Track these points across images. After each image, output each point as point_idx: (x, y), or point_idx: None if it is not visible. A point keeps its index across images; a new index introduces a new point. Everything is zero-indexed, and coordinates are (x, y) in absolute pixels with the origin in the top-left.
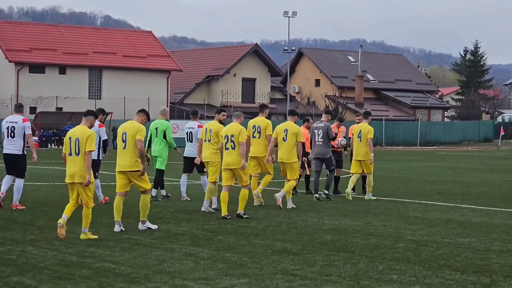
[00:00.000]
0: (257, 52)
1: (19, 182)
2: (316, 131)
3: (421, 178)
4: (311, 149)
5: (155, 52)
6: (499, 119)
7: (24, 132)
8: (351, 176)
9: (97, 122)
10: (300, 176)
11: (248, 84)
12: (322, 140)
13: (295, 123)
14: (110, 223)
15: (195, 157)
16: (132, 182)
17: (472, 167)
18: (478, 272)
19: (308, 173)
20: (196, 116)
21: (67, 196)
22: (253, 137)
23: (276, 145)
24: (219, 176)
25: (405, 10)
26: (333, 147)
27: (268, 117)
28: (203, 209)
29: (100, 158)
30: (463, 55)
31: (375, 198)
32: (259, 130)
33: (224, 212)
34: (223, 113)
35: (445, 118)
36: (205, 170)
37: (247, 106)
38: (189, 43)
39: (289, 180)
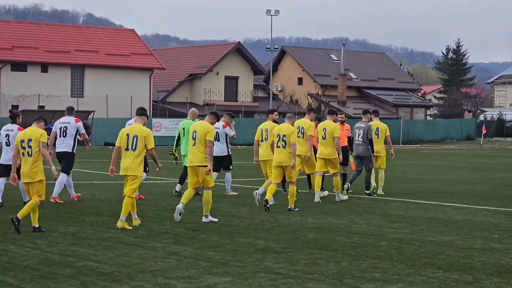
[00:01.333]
0: (239, 51)
1: (62, 177)
2: (357, 130)
3: (404, 176)
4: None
5: (137, 50)
6: (481, 117)
7: (77, 131)
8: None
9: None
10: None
11: (231, 83)
12: (361, 139)
13: (333, 121)
14: (93, 222)
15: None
16: (198, 177)
17: (455, 165)
18: (460, 270)
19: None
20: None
21: (49, 194)
22: (297, 137)
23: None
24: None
25: (388, 8)
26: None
27: (251, 116)
28: (255, 200)
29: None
30: (445, 53)
31: (383, 193)
32: (302, 131)
33: (268, 197)
34: (275, 113)
35: (427, 117)
36: (231, 167)
37: (230, 105)
38: (171, 41)
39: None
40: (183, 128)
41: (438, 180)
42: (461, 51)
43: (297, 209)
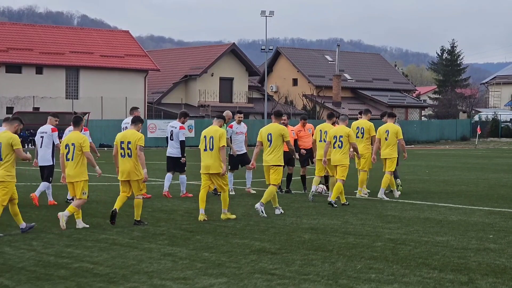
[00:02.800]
0: (234, 52)
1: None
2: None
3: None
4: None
5: (132, 52)
6: (476, 118)
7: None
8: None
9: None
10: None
11: (226, 84)
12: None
13: (394, 123)
14: (88, 223)
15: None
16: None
17: (449, 166)
18: (455, 271)
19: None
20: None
21: (44, 195)
22: (357, 137)
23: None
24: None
25: (383, 9)
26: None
27: (246, 117)
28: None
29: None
30: (440, 54)
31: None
32: (362, 131)
33: (332, 198)
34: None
35: (422, 117)
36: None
37: (225, 106)
38: (166, 42)
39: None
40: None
41: (433, 181)
42: (456, 52)
43: (336, 205)
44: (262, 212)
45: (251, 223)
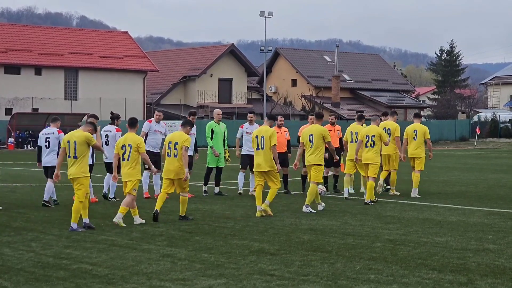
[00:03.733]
0: (233, 52)
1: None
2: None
3: (397, 177)
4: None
5: (131, 53)
6: (475, 118)
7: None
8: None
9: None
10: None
11: (225, 84)
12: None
13: (420, 123)
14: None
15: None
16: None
17: (449, 166)
18: (455, 271)
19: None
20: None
21: (42, 197)
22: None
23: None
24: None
25: (381, 10)
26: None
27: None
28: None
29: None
30: (439, 54)
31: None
32: (388, 132)
33: (370, 197)
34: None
35: (421, 118)
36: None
37: (224, 107)
38: (165, 43)
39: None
40: (212, 129)
41: (432, 181)
42: (455, 52)
43: (372, 203)
44: (310, 211)
45: (250, 224)
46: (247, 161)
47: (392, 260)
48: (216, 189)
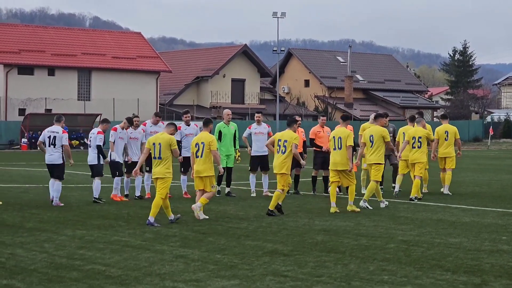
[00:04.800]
0: (246, 53)
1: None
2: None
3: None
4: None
5: (144, 53)
6: (488, 118)
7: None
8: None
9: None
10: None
11: (238, 85)
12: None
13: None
14: (100, 225)
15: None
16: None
17: (462, 167)
18: (469, 272)
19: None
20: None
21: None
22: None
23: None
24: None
25: (394, 10)
26: (319, 147)
27: None
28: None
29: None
30: (452, 55)
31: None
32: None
33: (416, 193)
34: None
35: (434, 118)
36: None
37: (237, 107)
38: (178, 44)
39: (447, 171)
40: (220, 131)
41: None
42: (468, 53)
43: (416, 199)
44: (367, 207)
45: (263, 224)
46: (257, 163)
47: (406, 261)
48: (227, 190)
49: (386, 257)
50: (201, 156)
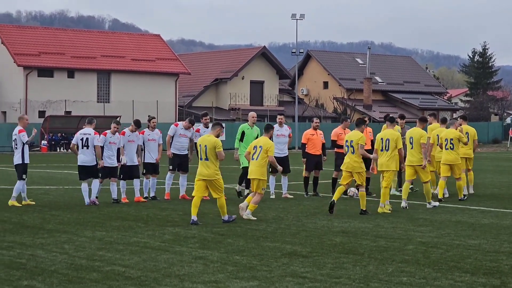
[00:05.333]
0: (265, 55)
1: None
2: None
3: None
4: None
5: (163, 56)
6: (508, 120)
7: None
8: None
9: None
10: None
11: (256, 87)
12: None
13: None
14: (119, 226)
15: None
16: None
17: (481, 169)
18: (488, 274)
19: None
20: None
21: (76, 199)
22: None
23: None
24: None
25: (413, 11)
26: (339, 147)
27: (275, 120)
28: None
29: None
30: (471, 56)
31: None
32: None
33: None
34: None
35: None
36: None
37: (255, 109)
38: (197, 46)
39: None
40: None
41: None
42: (487, 54)
43: (464, 198)
44: (434, 206)
45: (282, 226)
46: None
47: (424, 263)
48: (246, 191)
49: (404, 258)
50: (257, 159)
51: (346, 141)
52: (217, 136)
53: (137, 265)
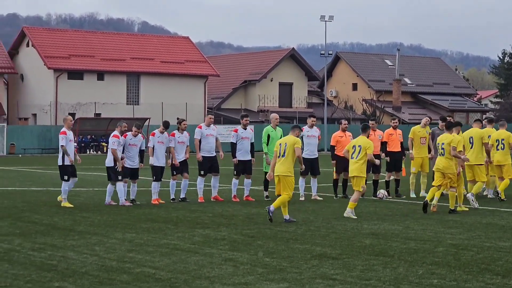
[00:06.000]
0: (293, 57)
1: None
2: (499, 139)
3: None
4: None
5: (192, 58)
6: None
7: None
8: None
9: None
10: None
11: (285, 89)
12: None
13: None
14: (149, 228)
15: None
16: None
17: None
18: None
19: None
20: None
21: (104, 201)
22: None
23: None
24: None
25: (443, 13)
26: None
27: (305, 122)
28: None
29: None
30: (501, 57)
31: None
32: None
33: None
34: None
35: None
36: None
37: (284, 111)
38: (225, 48)
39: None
40: (268, 135)
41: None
42: None
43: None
44: (475, 205)
45: (312, 228)
46: (308, 166)
47: (455, 265)
48: (265, 193)
49: (435, 260)
50: (356, 158)
51: (438, 143)
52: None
53: (167, 267)
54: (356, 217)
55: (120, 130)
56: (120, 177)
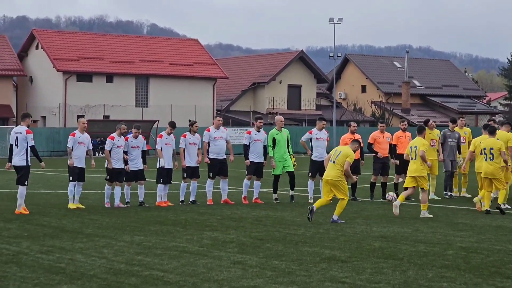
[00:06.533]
0: (302, 59)
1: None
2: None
3: (470, 184)
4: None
5: (201, 60)
6: None
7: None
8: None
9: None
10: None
11: (294, 91)
12: None
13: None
14: (158, 231)
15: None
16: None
17: None
18: None
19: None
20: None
21: (113, 203)
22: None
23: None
24: None
25: (451, 15)
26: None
27: (314, 124)
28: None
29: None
30: (510, 60)
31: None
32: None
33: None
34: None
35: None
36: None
37: (293, 113)
38: (234, 50)
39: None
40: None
41: None
42: None
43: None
44: (507, 207)
45: (321, 231)
46: (316, 169)
47: (465, 268)
48: (291, 192)
49: (445, 263)
50: (415, 158)
51: (484, 148)
52: (354, 151)
53: (175, 270)
54: (431, 216)
55: (119, 132)
56: (119, 179)
